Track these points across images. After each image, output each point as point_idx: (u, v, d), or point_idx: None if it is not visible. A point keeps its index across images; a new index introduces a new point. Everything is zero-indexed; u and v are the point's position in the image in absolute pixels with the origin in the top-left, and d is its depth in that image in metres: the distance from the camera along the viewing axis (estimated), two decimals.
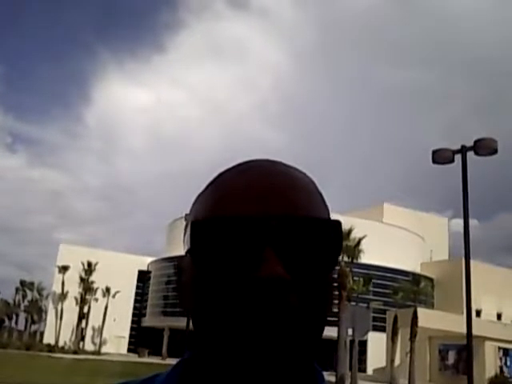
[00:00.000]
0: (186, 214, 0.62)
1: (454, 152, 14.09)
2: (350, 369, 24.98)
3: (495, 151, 13.92)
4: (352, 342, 16.18)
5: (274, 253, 0.51)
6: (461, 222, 14.07)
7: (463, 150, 13.93)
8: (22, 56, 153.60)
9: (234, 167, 0.61)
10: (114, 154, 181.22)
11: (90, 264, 67.94)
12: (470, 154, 13.94)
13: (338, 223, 0.56)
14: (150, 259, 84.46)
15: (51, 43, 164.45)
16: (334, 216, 0.58)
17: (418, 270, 63.16)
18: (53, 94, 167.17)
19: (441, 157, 14.27)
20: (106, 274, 71.36)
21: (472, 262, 13.64)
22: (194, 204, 0.62)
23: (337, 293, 31.72)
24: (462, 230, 13.76)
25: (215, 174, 0.62)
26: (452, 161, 14.20)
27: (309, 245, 0.53)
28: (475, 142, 13.80)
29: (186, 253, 0.58)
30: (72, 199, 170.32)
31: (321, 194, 0.61)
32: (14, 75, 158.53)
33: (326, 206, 0.61)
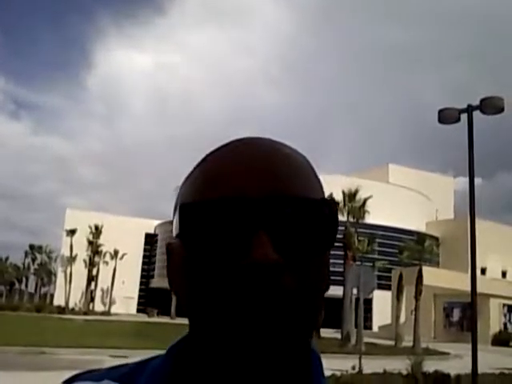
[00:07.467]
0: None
1: (460, 111, 14.01)
2: (356, 326, 25.44)
3: (502, 110, 13.83)
4: (357, 300, 16.42)
5: (267, 235, 0.48)
6: (465, 180, 14.11)
7: (469, 110, 13.84)
8: (23, 22, 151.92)
9: (222, 147, 0.56)
10: (116, 119, 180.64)
11: (97, 227, 68.42)
12: (476, 113, 13.88)
13: (333, 202, 0.53)
14: (156, 222, 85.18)
15: (51, 8, 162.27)
16: (339, 177, 0.55)
17: (423, 229, 63.45)
18: (54, 60, 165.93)
19: (447, 116, 14.20)
20: (114, 237, 72.07)
21: (477, 221, 13.72)
22: (182, 186, 0.58)
23: (342, 253, 32.04)
24: (466, 188, 13.80)
25: (202, 156, 0.57)
26: (458, 120, 14.14)
27: (303, 226, 0.50)
28: (481, 100, 13.70)
29: (176, 236, 0.54)
30: (76, 165, 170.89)
31: (315, 172, 0.57)
32: (14, 42, 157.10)
33: (320, 185, 0.57)
